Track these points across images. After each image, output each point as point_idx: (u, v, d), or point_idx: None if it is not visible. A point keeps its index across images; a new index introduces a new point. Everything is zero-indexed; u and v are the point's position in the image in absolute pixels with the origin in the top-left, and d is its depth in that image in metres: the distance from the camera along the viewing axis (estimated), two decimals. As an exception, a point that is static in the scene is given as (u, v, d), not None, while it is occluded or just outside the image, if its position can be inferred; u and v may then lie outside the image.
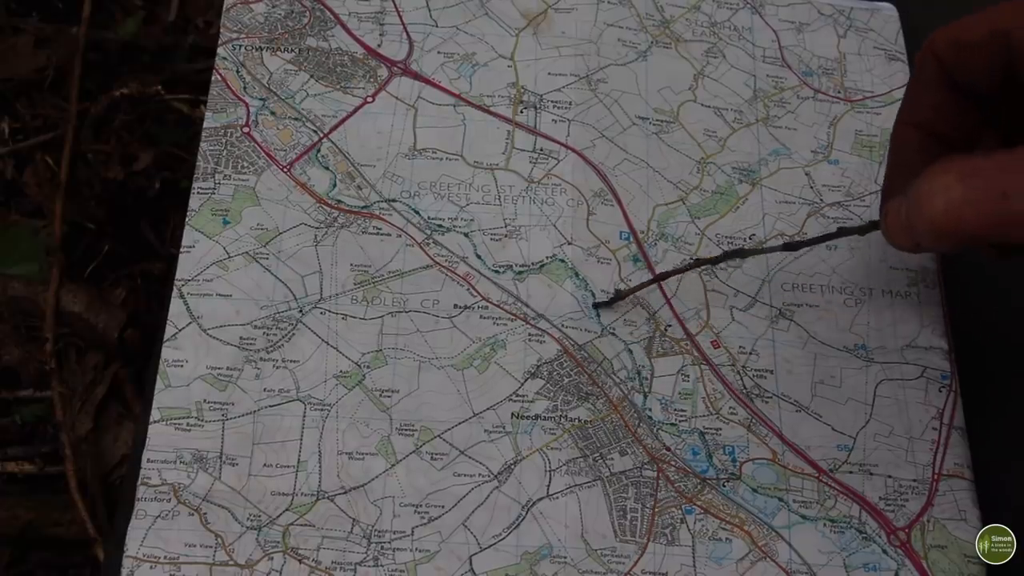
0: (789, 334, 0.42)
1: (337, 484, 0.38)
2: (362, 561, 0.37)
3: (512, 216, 0.43)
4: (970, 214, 0.28)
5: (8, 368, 0.77)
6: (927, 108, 0.35)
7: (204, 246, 0.42)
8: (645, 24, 0.48)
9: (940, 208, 0.29)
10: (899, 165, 0.36)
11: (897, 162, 0.37)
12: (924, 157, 0.34)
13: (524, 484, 0.38)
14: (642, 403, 0.40)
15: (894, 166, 0.37)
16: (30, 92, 0.88)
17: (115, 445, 0.77)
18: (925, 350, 0.41)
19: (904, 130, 0.36)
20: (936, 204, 0.29)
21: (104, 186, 0.84)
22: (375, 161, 0.44)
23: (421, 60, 0.46)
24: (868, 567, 0.38)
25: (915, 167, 0.31)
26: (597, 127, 0.45)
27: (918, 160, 0.33)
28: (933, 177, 0.29)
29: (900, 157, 0.36)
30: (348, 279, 0.41)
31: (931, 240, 0.30)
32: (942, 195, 0.29)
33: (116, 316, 0.76)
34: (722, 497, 0.38)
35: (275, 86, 0.45)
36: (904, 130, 0.36)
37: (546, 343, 0.41)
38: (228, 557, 0.37)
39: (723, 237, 0.43)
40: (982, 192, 0.28)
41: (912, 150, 0.36)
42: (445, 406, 0.39)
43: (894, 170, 0.37)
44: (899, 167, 0.36)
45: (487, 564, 0.37)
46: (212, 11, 0.92)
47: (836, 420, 0.40)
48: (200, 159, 0.43)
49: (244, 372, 0.40)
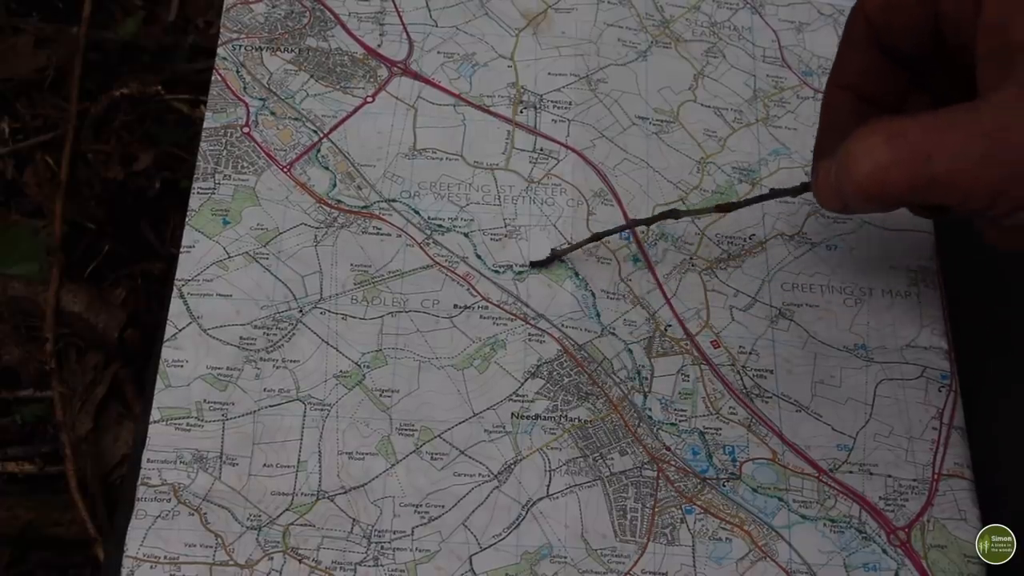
0: (789, 334, 0.42)
1: (337, 484, 0.38)
2: (362, 561, 0.37)
3: (512, 216, 0.43)
4: (895, 176, 0.29)
5: (8, 368, 0.77)
6: (857, 70, 0.35)
7: (204, 246, 0.42)
8: (645, 24, 0.48)
9: (866, 170, 0.29)
10: (830, 127, 0.36)
11: (828, 123, 0.37)
12: (854, 119, 0.34)
13: (524, 484, 0.38)
14: (642, 403, 0.40)
15: (825, 127, 0.37)
16: (30, 92, 0.88)
17: (115, 445, 0.77)
18: (925, 350, 0.41)
19: (835, 92, 0.36)
20: (862, 166, 0.29)
21: (104, 186, 0.84)
22: (375, 161, 0.44)
23: (421, 60, 0.46)
24: (868, 567, 0.38)
25: (846, 129, 0.31)
26: (597, 127, 0.45)
27: (848, 122, 0.33)
28: (860, 139, 0.29)
29: (831, 119, 0.36)
30: (348, 279, 0.41)
31: (858, 202, 0.30)
32: (868, 157, 0.29)
33: (116, 316, 0.76)
34: (722, 497, 0.38)
35: (275, 86, 0.45)
36: (835, 92, 0.36)
37: (546, 343, 0.41)
38: (228, 557, 0.37)
39: (723, 237, 0.43)
40: (907, 154, 0.28)
41: (843, 112, 0.36)
42: (445, 406, 0.39)
43: (825, 132, 0.37)
44: (830, 129, 0.36)
45: (487, 564, 0.37)
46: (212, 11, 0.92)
47: (836, 420, 0.40)
48: (200, 159, 0.43)
49: (244, 372, 0.40)
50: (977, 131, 0.28)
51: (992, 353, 0.42)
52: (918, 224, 0.44)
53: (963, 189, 0.28)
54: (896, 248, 0.43)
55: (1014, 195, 0.28)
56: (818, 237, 0.43)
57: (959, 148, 0.28)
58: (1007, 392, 0.42)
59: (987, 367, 0.42)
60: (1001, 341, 0.43)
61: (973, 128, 0.28)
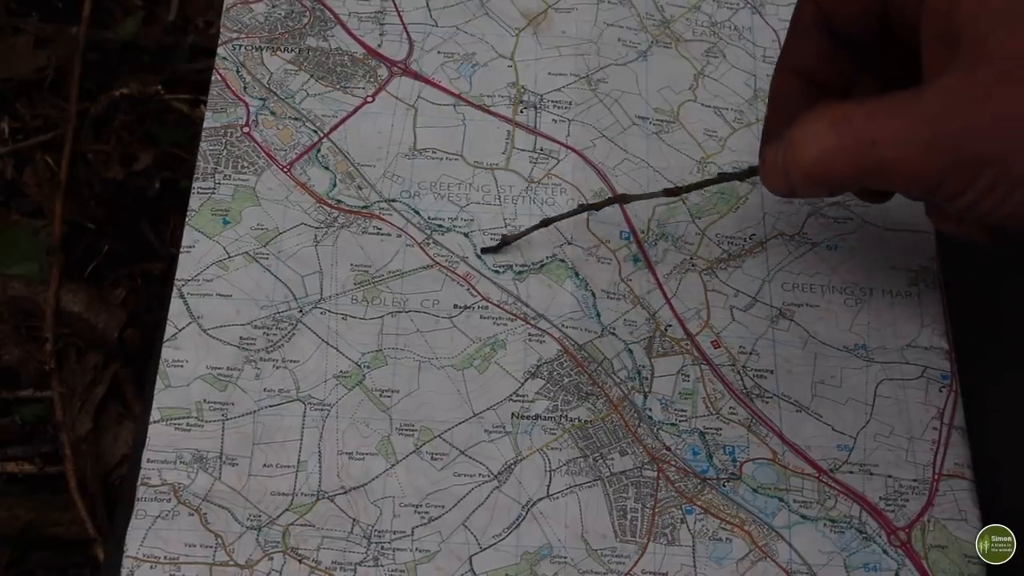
0: (789, 334, 0.42)
1: (337, 484, 0.38)
2: (362, 561, 0.37)
3: (512, 216, 0.43)
4: (840, 162, 0.29)
5: (8, 368, 0.77)
6: (805, 54, 0.35)
7: (204, 246, 0.42)
8: (645, 24, 0.48)
9: (812, 156, 0.29)
10: (778, 111, 0.36)
11: (776, 108, 0.37)
12: (803, 103, 0.33)
13: (524, 484, 0.38)
14: (642, 403, 0.40)
15: (774, 112, 0.37)
16: (30, 92, 0.88)
17: (115, 445, 0.77)
18: (925, 350, 0.41)
19: (783, 76, 0.36)
20: (808, 151, 0.29)
21: (104, 186, 0.84)
22: (375, 161, 0.44)
23: (421, 60, 0.46)
24: (868, 567, 0.37)
25: (794, 113, 0.31)
26: (597, 127, 0.45)
27: (797, 106, 0.33)
28: (806, 124, 0.29)
29: (779, 103, 0.36)
30: (348, 279, 0.41)
31: (804, 186, 0.30)
32: (814, 142, 0.29)
33: (116, 316, 0.76)
34: (722, 497, 0.38)
35: (275, 86, 0.45)
36: (783, 76, 0.36)
37: (546, 343, 0.41)
38: (228, 557, 0.37)
39: (723, 237, 0.43)
40: (851, 140, 0.29)
41: (791, 96, 0.36)
42: (445, 406, 0.39)
43: (773, 116, 0.37)
44: (778, 113, 0.36)
45: (487, 564, 0.37)
46: (212, 11, 0.92)
47: (836, 420, 0.40)
48: (200, 159, 0.43)
49: (244, 372, 0.40)
50: (920, 117, 0.28)
51: (992, 353, 0.42)
52: (918, 224, 0.44)
53: (907, 175, 0.28)
54: (896, 248, 0.43)
55: (956, 182, 0.28)
56: (818, 237, 0.43)
57: (903, 134, 0.28)
58: (1007, 392, 0.42)
59: (987, 367, 0.42)
60: (1001, 341, 0.43)
61: (916, 114, 0.28)
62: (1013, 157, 0.27)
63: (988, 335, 0.43)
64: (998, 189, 0.28)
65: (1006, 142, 0.27)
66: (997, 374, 0.42)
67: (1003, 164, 0.27)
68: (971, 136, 0.27)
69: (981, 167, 0.27)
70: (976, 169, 0.27)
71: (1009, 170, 0.27)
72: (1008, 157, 0.27)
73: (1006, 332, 0.43)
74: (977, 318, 0.43)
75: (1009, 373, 0.42)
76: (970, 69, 0.28)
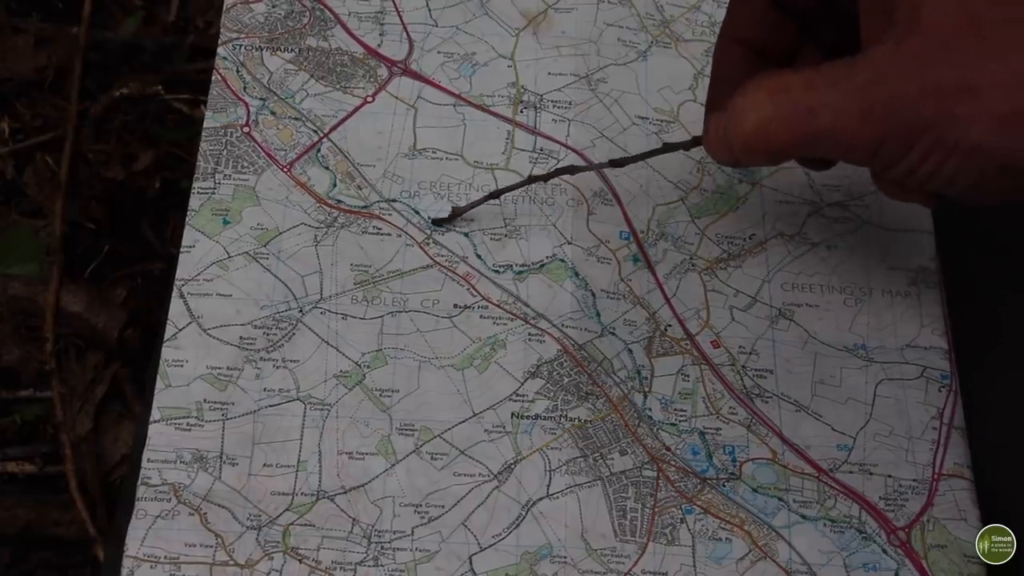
0: (789, 334, 0.42)
1: (337, 484, 0.38)
2: (362, 561, 0.37)
3: (512, 216, 0.43)
4: (779, 130, 0.29)
5: (8, 368, 0.77)
6: (748, 23, 0.35)
7: (204, 246, 0.42)
8: (645, 24, 0.48)
9: (751, 125, 0.29)
10: (721, 80, 0.36)
11: (720, 77, 0.37)
12: (745, 72, 0.34)
13: (524, 484, 0.38)
14: (642, 403, 0.40)
15: (716, 81, 0.37)
16: (30, 92, 0.88)
17: (115, 445, 0.77)
18: (925, 350, 0.41)
19: (726, 45, 0.36)
20: (748, 120, 0.29)
21: (104, 186, 0.84)
22: (375, 161, 0.44)
23: (421, 60, 0.46)
24: (868, 567, 0.37)
25: (736, 82, 0.31)
26: (597, 127, 0.45)
27: (739, 75, 0.33)
28: (745, 94, 0.30)
29: (723, 72, 0.36)
30: (348, 279, 0.41)
31: (745, 156, 0.31)
32: (753, 112, 0.29)
33: (116, 316, 0.76)
34: (722, 497, 0.38)
35: (275, 86, 0.45)
36: (726, 45, 0.36)
37: (546, 343, 0.41)
38: (228, 557, 0.37)
39: (723, 236, 0.43)
40: (789, 108, 0.29)
41: (734, 65, 0.36)
42: (445, 406, 0.39)
43: (716, 85, 0.37)
44: (721, 82, 0.36)
45: (487, 564, 0.37)
46: (212, 11, 0.92)
47: (836, 420, 0.40)
48: (200, 159, 0.43)
49: (244, 372, 0.40)
50: (855, 85, 0.28)
51: (992, 353, 0.42)
52: (918, 224, 0.44)
53: (844, 143, 0.29)
54: (896, 248, 0.43)
55: (892, 149, 0.28)
56: (818, 237, 0.43)
57: (839, 103, 0.28)
58: (1007, 392, 0.42)
59: (987, 367, 0.42)
60: (1001, 341, 0.43)
61: (851, 83, 0.28)
62: (944, 124, 0.27)
63: (988, 335, 0.43)
64: (933, 156, 0.28)
65: (937, 110, 0.27)
66: (997, 374, 0.42)
67: (936, 131, 0.27)
68: (903, 104, 0.27)
69: (915, 134, 0.28)
70: (911, 137, 0.28)
71: (942, 137, 0.27)
72: (940, 124, 0.27)
73: (1006, 332, 0.43)
74: (977, 318, 0.43)
75: (1009, 373, 0.42)
76: (903, 39, 0.28)
